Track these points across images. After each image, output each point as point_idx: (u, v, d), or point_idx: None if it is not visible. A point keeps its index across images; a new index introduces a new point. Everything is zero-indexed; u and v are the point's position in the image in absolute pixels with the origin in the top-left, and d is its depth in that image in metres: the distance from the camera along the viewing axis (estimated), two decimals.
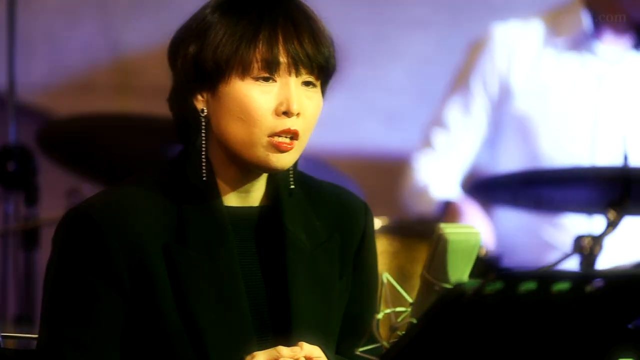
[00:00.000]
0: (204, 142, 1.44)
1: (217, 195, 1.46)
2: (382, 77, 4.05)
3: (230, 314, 1.43)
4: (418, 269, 2.56)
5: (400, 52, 4.04)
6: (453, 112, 3.07)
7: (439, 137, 3.11)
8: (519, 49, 3.02)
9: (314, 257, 1.51)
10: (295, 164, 1.48)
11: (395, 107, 4.03)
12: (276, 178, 1.50)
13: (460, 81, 3.11)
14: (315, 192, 1.58)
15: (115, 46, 4.17)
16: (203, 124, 1.44)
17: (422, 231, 2.90)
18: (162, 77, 1.61)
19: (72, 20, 4.15)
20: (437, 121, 3.12)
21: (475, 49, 3.11)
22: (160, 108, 1.69)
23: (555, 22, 3.01)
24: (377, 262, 1.63)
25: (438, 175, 3.05)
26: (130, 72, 4.19)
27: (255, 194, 1.50)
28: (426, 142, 3.15)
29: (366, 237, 1.59)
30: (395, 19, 4.02)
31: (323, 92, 1.47)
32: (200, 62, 1.42)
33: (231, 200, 1.48)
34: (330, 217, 1.56)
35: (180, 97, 1.47)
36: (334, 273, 1.53)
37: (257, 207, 1.51)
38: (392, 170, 3.89)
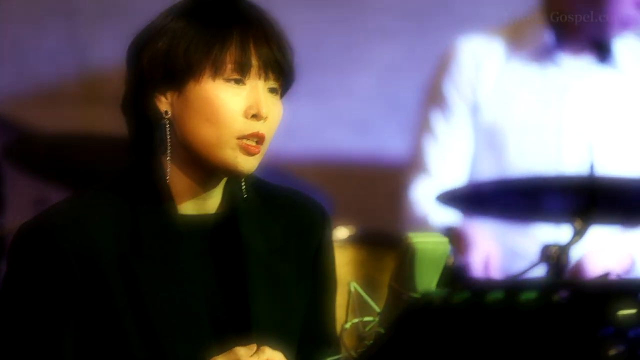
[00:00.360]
0: (169, 145, 1.42)
1: (172, 204, 1.44)
2: (350, 85, 4.06)
3: (188, 319, 1.41)
4: (386, 278, 2.55)
5: (368, 60, 4.05)
6: (440, 132, 3.06)
7: (431, 159, 3.08)
8: (484, 62, 3.03)
9: (271, 262, 1.49)
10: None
11: (363, 115, 4.04)
12: (231, 185, 1.49)
13: (436, 97, 3.10)
14: (271, 197, 1.56)
15: (83, 56, 4.15)
16: (167, 126, 1.42)
17: (390, 240, 2.90)
18: None
19: (39, 30, 4.12)
20: (423, 142, 3.10)
21: (443, 63, 3.11)
22: None
23: (517, 34, 3.03)
24: (335, 267, 1.60)
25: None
26: (98, 83, 4.16)
27: (211, 201, 1.48)
28: (417, 165, 3.12)
29: (324, 241, 1.57)
30: (363, 27, 4.03)
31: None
32: (171, 60, 1.40)
33: (187, 208, 1.46)
34: (287, 221, 1.54)
35: (140, 99, 1.44)
36: (291, 278, 1.51)
37: (213, 214, 1.48)
38: (360, 179, 3.89)
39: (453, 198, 2.90)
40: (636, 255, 2.91)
